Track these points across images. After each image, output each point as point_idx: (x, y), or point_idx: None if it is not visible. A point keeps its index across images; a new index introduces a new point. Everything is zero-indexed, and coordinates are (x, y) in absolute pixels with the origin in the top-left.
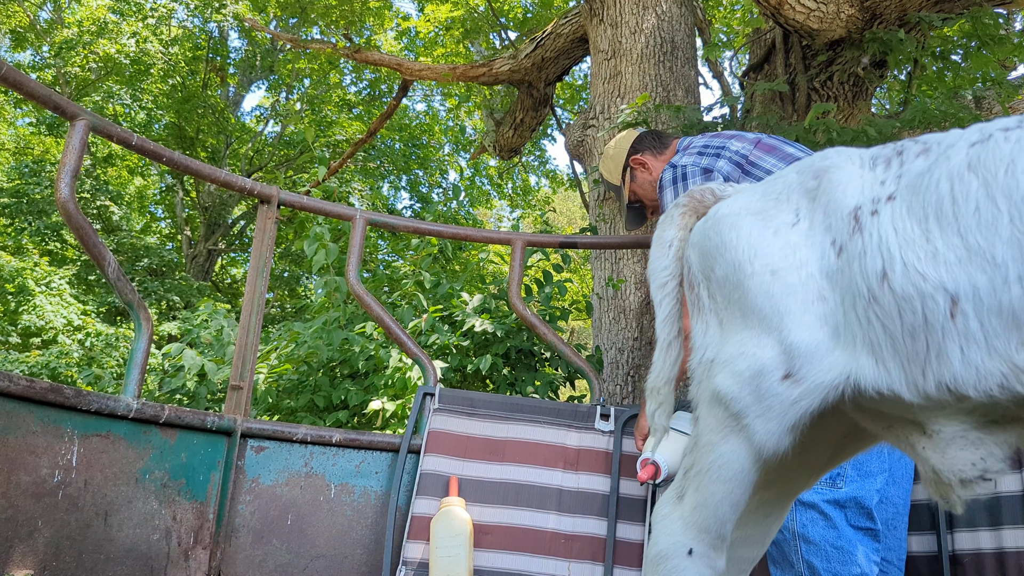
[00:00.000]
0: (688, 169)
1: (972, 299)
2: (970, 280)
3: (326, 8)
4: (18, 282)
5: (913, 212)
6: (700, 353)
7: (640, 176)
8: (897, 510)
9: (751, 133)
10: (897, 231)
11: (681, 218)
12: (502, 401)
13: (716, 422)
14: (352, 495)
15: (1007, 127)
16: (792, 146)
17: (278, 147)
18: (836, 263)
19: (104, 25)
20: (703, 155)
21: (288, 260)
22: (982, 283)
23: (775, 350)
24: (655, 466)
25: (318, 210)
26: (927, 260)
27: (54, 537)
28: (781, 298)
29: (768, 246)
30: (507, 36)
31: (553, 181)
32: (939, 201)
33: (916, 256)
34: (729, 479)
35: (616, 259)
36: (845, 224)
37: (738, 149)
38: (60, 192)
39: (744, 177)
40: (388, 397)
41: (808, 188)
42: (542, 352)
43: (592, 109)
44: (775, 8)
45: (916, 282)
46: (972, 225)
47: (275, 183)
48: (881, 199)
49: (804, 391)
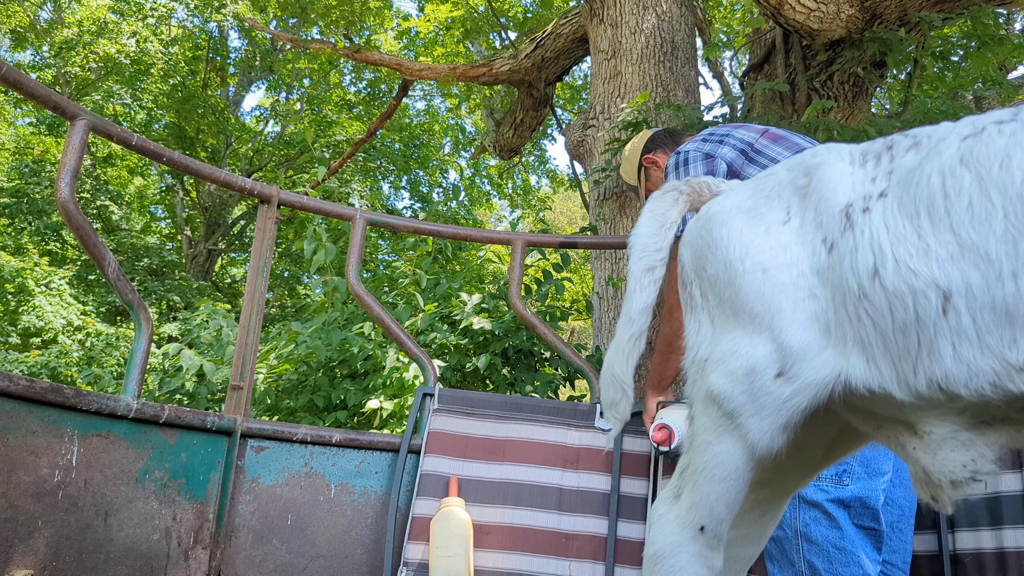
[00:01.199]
0: (690, 155)
1: (965, 295)
2: (963, 276)
3: (326, 8)
4: (18, 282)
5: (904, 208)
6: (693, 352)
7: (654, 175)
8: (903, 512)
9: (761, 125)
10: (888, 228)
11: (684, 203)
12: (502, 401)
13: (710, 421)
14: (352, 495)
15: (1000, 120)
16: (801, 138)
17: (278, 147)
18: (827, 261)
19: (104, 25)
20: (706, 141)
21: (288, 260)
22: (975, 279)
23: (767, 348)
24: (668, 429)
25: (318, 210)
26: (919, 257)
27: (54, 537)
28: (772, 296)
29: (759, 244)
30: (507, 36)
31: (553, 181)
32: (931, 197)
33: (908, 253)
34: (724, 478)
35: (616, 259)
36: (836, 222)
37: (743, 137)
38: (60, 192)
39: (748, 165)
40: (386, 397)
41: (799, 186)
42: (542, 352)
43: (592, 109)
44: (775, 8)
45: (908, 279)
46: (965, 220)
47: (275, 183)
48: (872, 196)
49: (796, 389)
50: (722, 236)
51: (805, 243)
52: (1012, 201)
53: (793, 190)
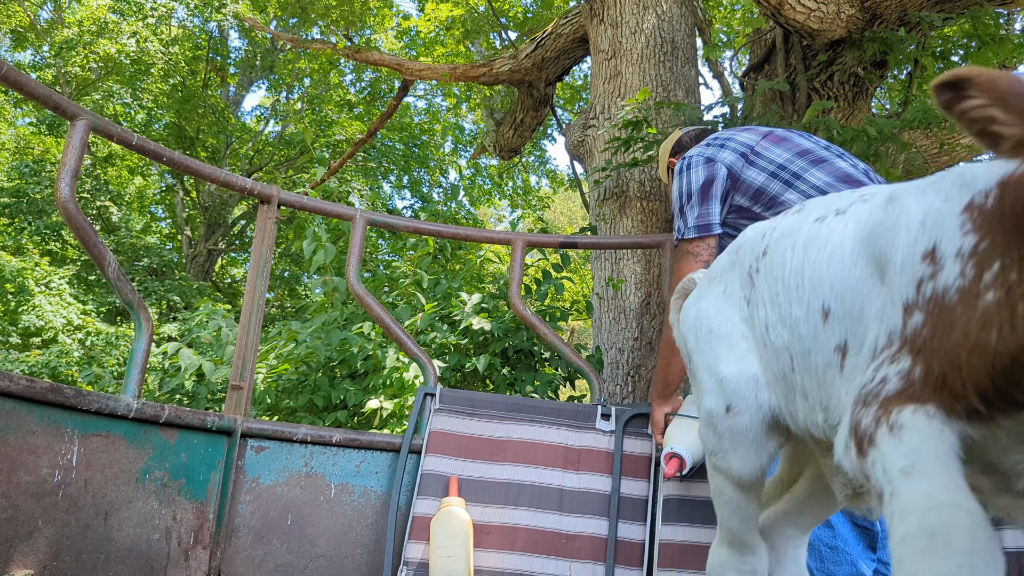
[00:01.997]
0: (693, 160)
1: (800, 362)
2: (792, 346)
3: (326, 8)
4: (18, 282)
5: (771, 273)
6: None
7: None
8: None
9: (765, 127)
10: (767, 290)
11: (676, 303)
12: (503, 401)
13: (708, 463)
14: (352, 495)
15: (840, 210)
16: (807, 139)
17: (278, 147)
18: (748, 311)
19: (104, 25)
20: (709, 146)
21: (288, 260)
22: (797, 350)
23: (715, 388)
24: (679, 459)
25: (318, 210)
26: (778, 322)
27: (54, 537)
28: (716, 345)
29: (707, 311)
30: (507, 36)
31: (553, 181)
32: (781, 268)
33: (775, 315)
34: (726, 503)
35: (616, 259)
36: (747, 281)
37: (743, 140)
38: (60, 192)
39: (747, 168)
40: (386, 397)
41: (732, 261)
42: (542, 352)
43: (592, 109)
44: (775, 8)
45: (775, 339)
46: (793, 298)
47: (275, 183)
48: (759, 256)
49: (747, 420)
50: (688, 316)
51: (735, 300)
52: (806, 291)
53: (729, 266)
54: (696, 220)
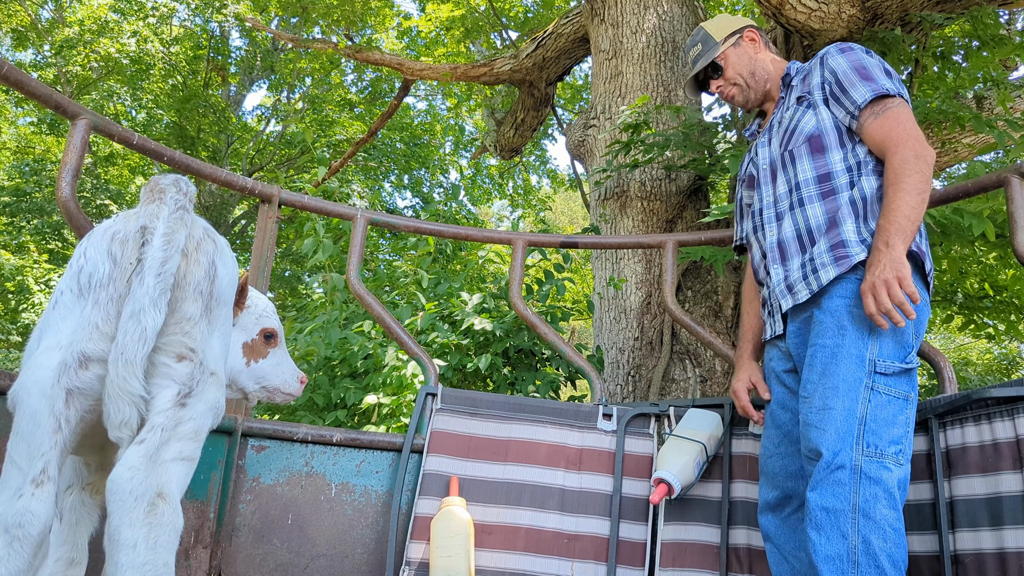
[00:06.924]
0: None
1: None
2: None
3: (327, 8)
4: (18, 280)
5: None
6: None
7: (744, 48)
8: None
9: None
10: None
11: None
12: (504, 401)
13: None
14: (353, 494)
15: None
16: None
17: (279, 147)
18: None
19: (105, 24)
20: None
21: (289, 260)
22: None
23: None
24: (667, 485)
25: (319, 210)
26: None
27: None
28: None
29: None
30: (508, 36)
31: (554, 181)
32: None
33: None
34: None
35: (617, 259)
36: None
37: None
38: (61, 191)
39: None
40: (385, 394)
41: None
42: (542, 352)
43: (593, 109)
44: (776, 8)
45: None
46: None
47: (276, 183)
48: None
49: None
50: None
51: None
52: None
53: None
54: (899, 87)
